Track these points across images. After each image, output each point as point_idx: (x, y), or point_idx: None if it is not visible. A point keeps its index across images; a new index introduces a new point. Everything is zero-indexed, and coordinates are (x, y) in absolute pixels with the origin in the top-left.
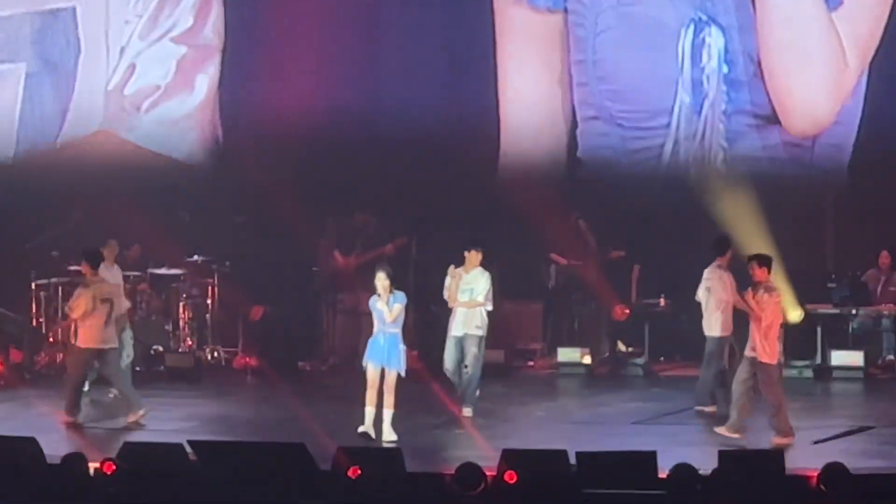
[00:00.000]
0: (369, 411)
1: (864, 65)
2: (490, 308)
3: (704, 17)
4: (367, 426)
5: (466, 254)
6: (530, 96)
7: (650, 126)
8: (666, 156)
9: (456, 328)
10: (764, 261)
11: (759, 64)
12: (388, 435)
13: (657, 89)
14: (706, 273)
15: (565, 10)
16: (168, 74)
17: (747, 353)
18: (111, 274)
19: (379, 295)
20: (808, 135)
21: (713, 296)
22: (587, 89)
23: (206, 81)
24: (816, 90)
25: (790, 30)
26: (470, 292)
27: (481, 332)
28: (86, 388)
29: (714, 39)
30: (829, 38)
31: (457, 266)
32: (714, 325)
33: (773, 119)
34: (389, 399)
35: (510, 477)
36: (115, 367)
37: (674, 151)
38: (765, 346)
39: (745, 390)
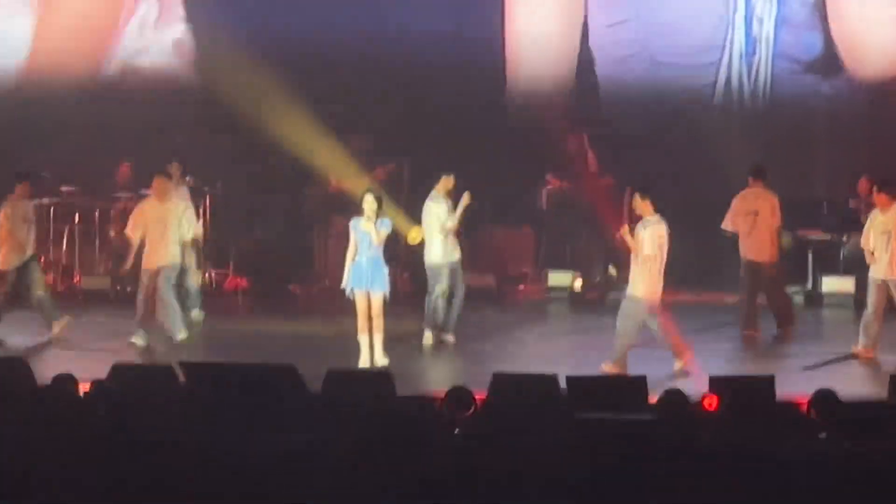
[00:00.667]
0: (364, 340)
1: None
2: None
3: None
4: (364, 359)
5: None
6: (538, 29)
7: (697, 63)
8: (719, 95)
9: (450, 254)
10: (645, 193)
11: (820, 5)
12: (380, 359)
13: (708, 24)
14: (746, 199)
15: None
16: None
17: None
18: (178, 195)
19: (368, 217)
20: (882, 78)
21: (762, 221)
22: (628, 25)
23: None
24: (888, 31)
25: None
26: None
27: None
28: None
29: None
30: None
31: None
32: (766, 249)
33: (819, 67)
34: (378, 322)
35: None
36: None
37: (726, 91)
38: (637, 281)
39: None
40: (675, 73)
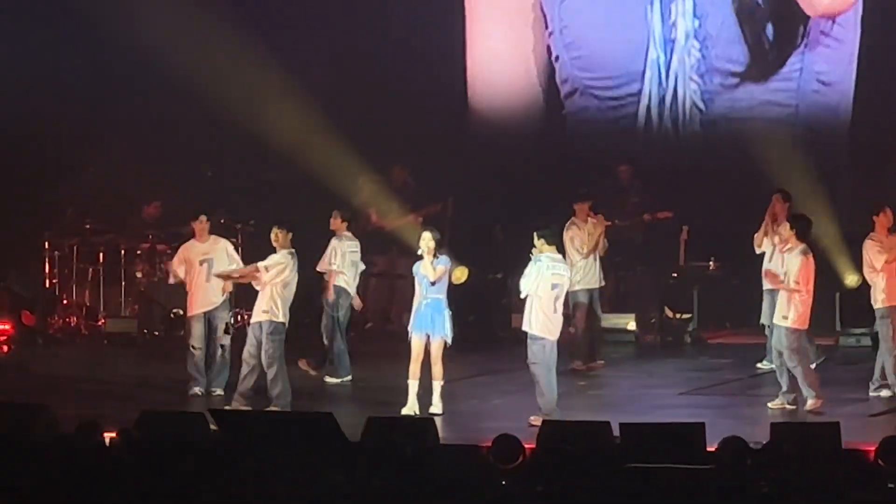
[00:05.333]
0: (412, 385)
1: None
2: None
3: None
4: (409, 406)
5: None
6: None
7: (620, 95)
8: (641, 120)
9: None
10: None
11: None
12: (437, 408)
13: (626, 52)
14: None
15: None
16: None
17: None
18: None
19: (423, 256)
20: (836, 11)
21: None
22: (559, 63)
23: None
24: None
25: None
26: None
27: None
28: None
29: None
30: None
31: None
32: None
33: (749, 76)
34: (437, 369)
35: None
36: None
37: (647, 116)
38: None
39: None
40: (611, 104)
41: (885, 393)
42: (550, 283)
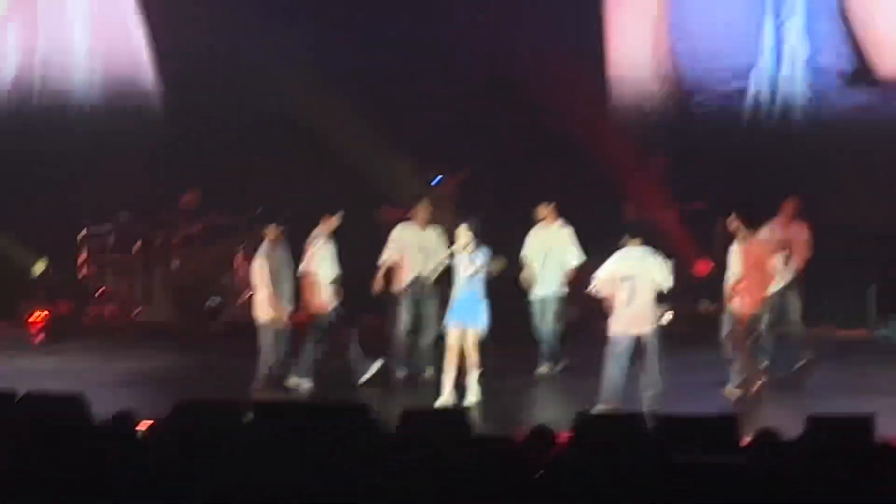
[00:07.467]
0: (448, 379)
1: None
2: None
3: None
4: (444, 398)
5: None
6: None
7: (728, 90)
8: (746, 114)
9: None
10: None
11: (843, 13)
12: (473, 396)
13: (736, 46)
14: None
15: None
16: None
17: None
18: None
19: (463, 249)
20: None
21: None
22: (676, 56)
23: None
24: None
25: None
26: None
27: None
28: None
29: None
30: None
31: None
32: None
33: (857, 78)
34: (472, 360)
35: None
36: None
37: (755, 112)
38: None
39: None
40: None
41: None
42: (620, 276)
